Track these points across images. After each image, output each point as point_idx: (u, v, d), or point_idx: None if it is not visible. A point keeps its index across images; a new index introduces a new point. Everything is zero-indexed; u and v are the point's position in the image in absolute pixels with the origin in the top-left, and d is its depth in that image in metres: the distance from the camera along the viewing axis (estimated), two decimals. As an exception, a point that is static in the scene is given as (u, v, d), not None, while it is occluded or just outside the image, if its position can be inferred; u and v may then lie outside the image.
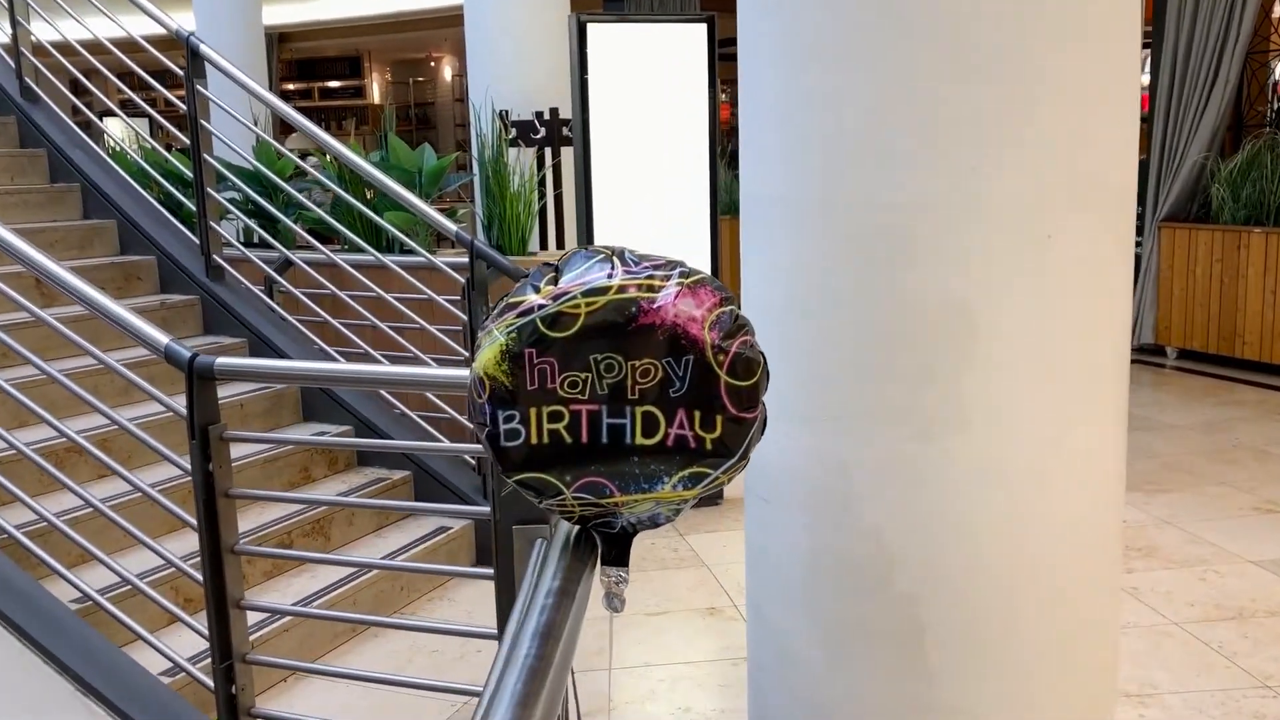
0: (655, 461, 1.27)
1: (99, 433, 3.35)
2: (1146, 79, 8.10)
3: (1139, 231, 7.67)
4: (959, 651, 1.72)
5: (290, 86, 17.28)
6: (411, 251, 4.74)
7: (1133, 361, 1.97)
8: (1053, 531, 1.74)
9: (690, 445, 1.27)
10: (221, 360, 2.75)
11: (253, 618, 3.47)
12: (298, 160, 5.12)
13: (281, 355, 4.77)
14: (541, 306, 1.25)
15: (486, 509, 2.70)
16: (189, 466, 2.77)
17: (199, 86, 4.78)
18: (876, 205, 1.64)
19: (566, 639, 1.23)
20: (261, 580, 3.85)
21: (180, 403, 2.76)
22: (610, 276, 1.27)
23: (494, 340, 1.25)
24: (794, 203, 1.71)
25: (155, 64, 5.02)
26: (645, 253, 1.34)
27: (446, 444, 4.04)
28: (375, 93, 17.83)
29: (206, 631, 2.87)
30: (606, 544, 1.38)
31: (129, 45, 5.06)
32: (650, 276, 1.29)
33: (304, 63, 17.27)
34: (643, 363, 1.25)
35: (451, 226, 4.41)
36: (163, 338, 2.81)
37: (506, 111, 5.93)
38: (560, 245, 5.97)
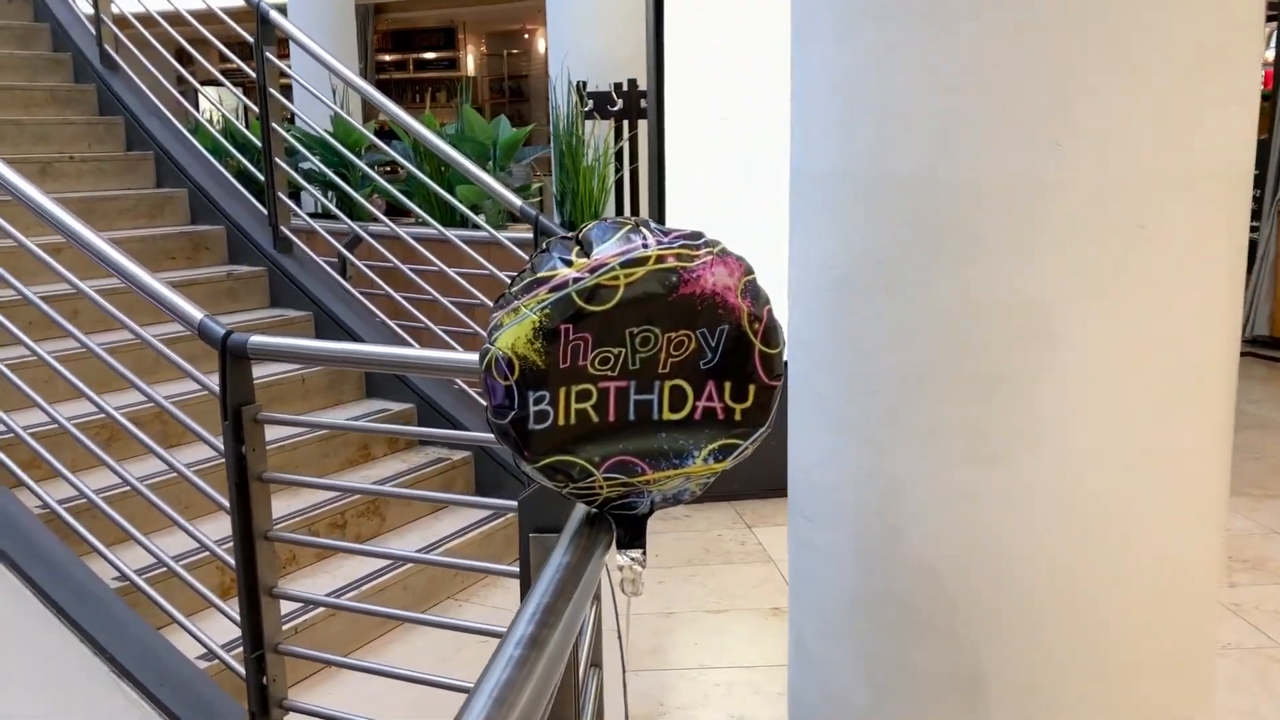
0: (684, 436, 1.26)
1: (136, 409, 3.27)
2: (1271, 54, 7.54)
3: (1255, 216, 7.15)
4: (1026, 706, 1.49)
5: (386, 58, 17.34)
6: (479, 227, 4.60)
7: (1243, 354, 1.72)
8: (1139, 565, 1.50)
9: (719, 417, 1.26)
10: (255, 339, 2.63)
11: (292, 604, 3.38)
12: (369, 135, 5.00)
13: (346, 330, 4.69)
14: (577, 280, 1.19)
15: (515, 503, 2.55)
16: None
17: (269, 55, 4.68)
18: (938, 185, 1.41)
19: (563, 630, 1.15)
20: (313, 561, 3.76)
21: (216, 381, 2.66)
22: (645, 246, 1.23)
23: (523, 318, 1.20)
24: (843, 181, 1.49)
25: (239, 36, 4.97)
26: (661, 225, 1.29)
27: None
28: (470, 65, 17.80)
29: (240, 619, 2.78)
30: (622, 527, 1.36)
31: (207, 16, 5.01)
32: (684, 245, 1.25)
33: (399, 34, 17.31)
34: (678, 334, 1.23)
35: (516, 201, 4.26)
36: (196, 313, 2.70)
37: (584, 82, 5.75)
38: (635, 222, 5.76)
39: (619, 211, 5.89)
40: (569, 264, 1.21)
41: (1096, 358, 1.43)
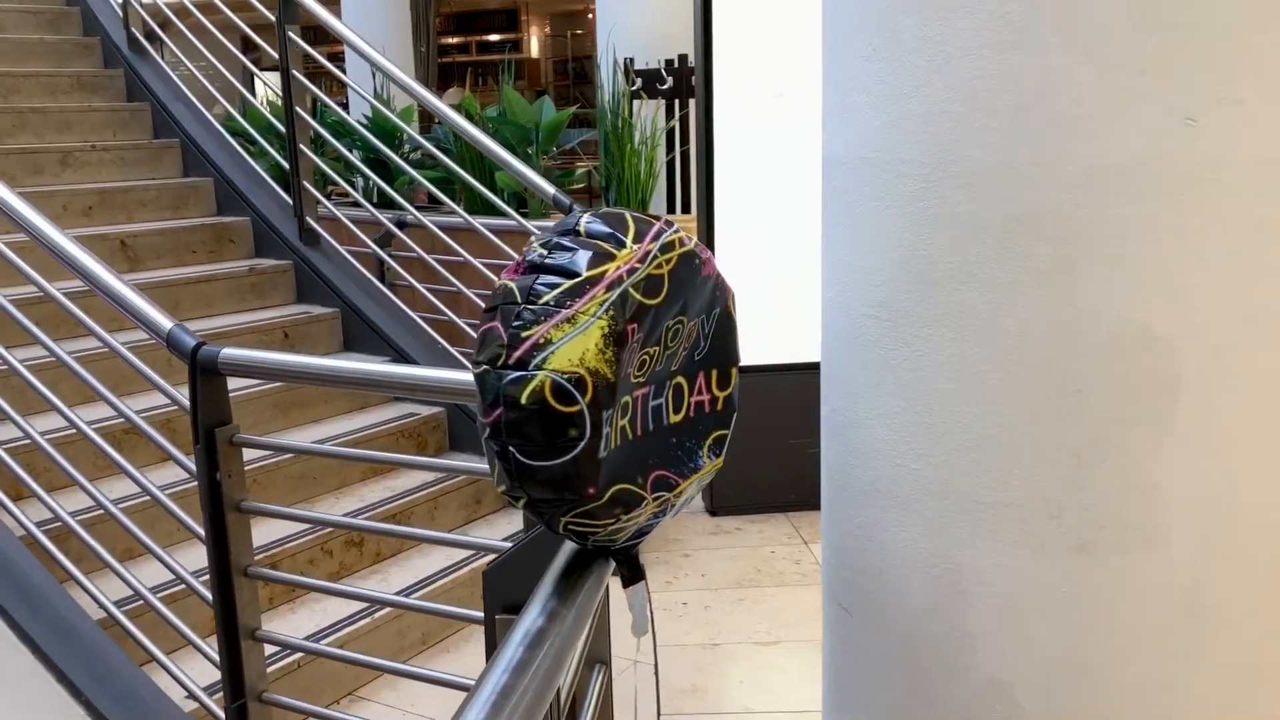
0: (688, 436, 1.17)
1: (109, 424, 2.99)
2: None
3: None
4: None
5: (451, 41, 17.13)
6: (526, 216, 4.26)
7: None
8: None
9: (707, 410, 1.18)
10: (228, 352, 2.32)
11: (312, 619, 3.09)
12: (399, 121, 4.69)
13: (375, 330, 4.40)
14: (632, 272, 1.05)
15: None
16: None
17: (291, 34, 4.39)
18: (1018, 174, 1.02)
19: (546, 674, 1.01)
20: (328, 578, 3.47)
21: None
22: (663, 229, 1.10)
23: (585, 325, 1.01)
24: (889, 170, 1.11)
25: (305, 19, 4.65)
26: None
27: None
28: (533, 46, 17.52)
29: (219, 663, 2.49)
30: (624, 565, 1.21)
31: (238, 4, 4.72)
32: (666, 223, 1.12)
33: (462, 16, 17.10)
34: (692, 322, 1.13)
35: (549, 189, 3.90)
36: (166, 321, 2.39)
37: (631, 60, 5.37)
38: (686, 208, 5.39)
39: (669, 198, 5.52)
40: (612, 256, 1.04)
41: (1239, 413, 1.03)
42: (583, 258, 1.04)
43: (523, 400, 0.99)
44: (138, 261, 4.38)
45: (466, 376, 2.21)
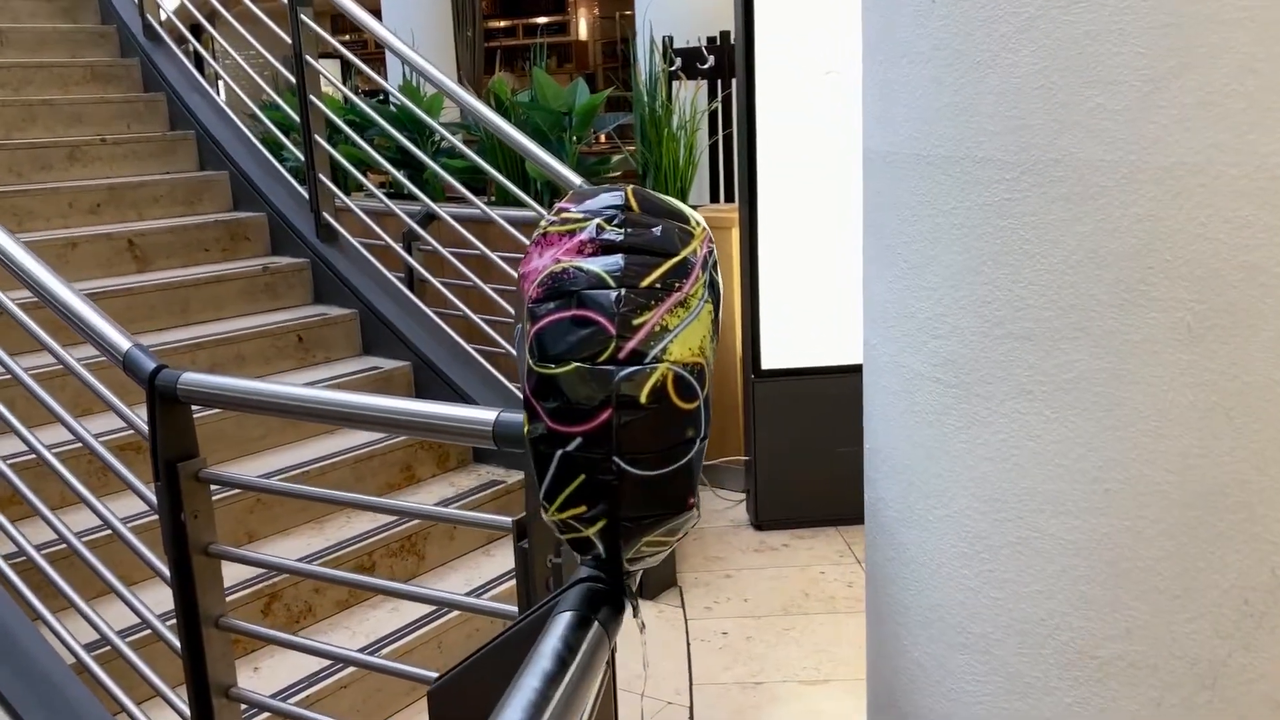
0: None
1: (71, 448, 2.72)
2: None
3: None
4: None
5: (499, 24, 16.87)
6: (539, 206, 3.95)
7: None
8: None
9: None
10: (188, 377, 2.03)
11: (294, 668, 2.82)
12: (419, 112, 4.40)
13: (396, 334, 4.12)
14: (710, 253, 0.96)
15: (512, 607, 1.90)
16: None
17: (304, 18, 4.10)
18: (1155, 180, 0.68)
19: None
20: (333, 612, 3.21)
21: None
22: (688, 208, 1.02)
23: (696, 311, 0.90)
24: (955, 171, 0.77)
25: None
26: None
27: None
28: (581, 29, 17.20)
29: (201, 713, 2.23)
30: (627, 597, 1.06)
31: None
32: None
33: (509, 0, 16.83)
34: None
35: (575, 179, 3.59)
36: (123, 341, 2.12)
37: (670, 38, 5.03)
38: (731, 197, 5.04)
39: (713, 185, 5.17)
40: (691, 234, 0.95)
41: None
42: (669, 234, 0.93)
43: (642, 398, 0.86)
44: (146, 261, 4.14)
45: (460, 411, 1.90)
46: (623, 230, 0.93)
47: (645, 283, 0.90)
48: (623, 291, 0.89)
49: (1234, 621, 0.71)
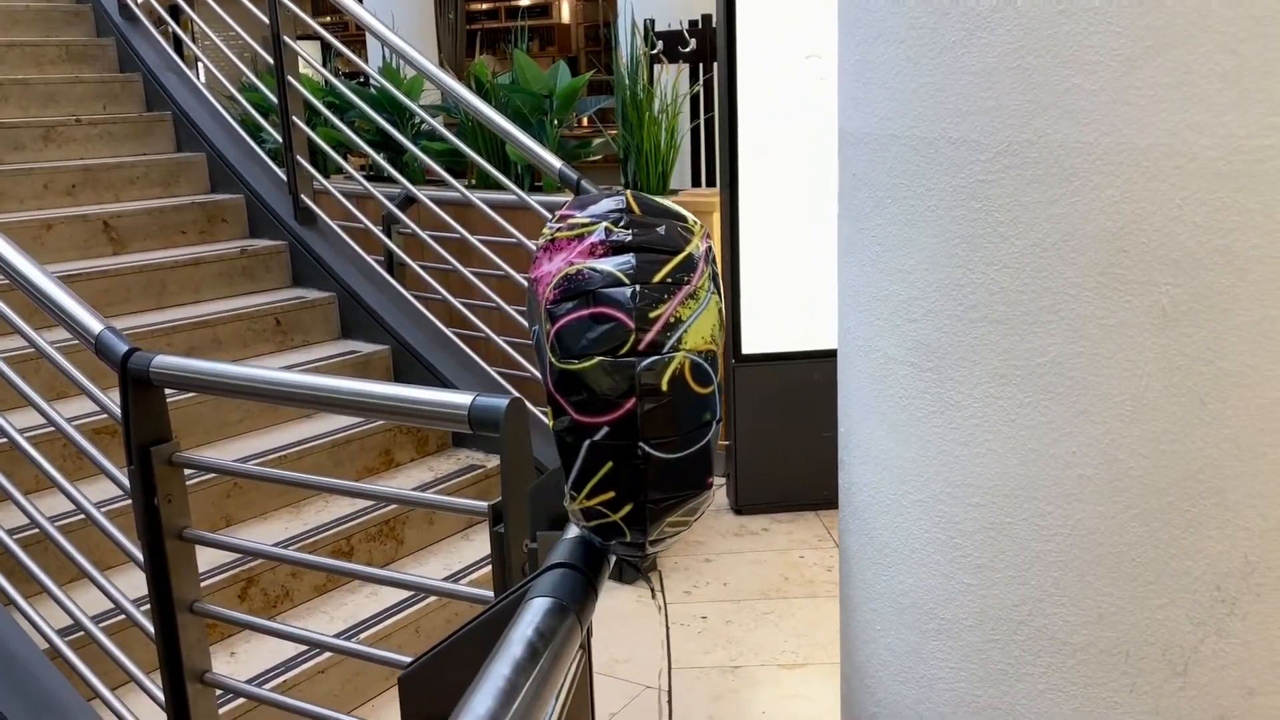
0: None
1: (45, 432, 2.69)
2: None
3: None
4: None
5: (480, 7, 16.73)
6: (541, 191, 3.93)
7: None
8: None
9: None
10: (161, 359, 2.01)
11: (271, 653, 2.81)
12: (398, 94, 4.35)
13: (374, 318, 4.09)
14: (709, 248, 1.02)
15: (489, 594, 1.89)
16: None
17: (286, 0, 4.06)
18: (1132, 161, 0.67)
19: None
20: (310, 597, 3.19)
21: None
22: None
23: (708, 299, 0.98)
24: (928, 152, 0.76)
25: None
26: None
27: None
28: (565, 12, 17.09)
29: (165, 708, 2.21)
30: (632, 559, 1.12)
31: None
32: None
33: (492, -19, 16.67)
34: None
35: (555, 163, 3.57)
36: (96, 324, 2.09)
37: (651, 20, 4.99)
38: (712, 181, 5.02)
39: (694, 169, 5.15)
40: (690, 232, 1.01)
41: None
42: (672, 232, 1.00)
43: (663, 386, 0.92)
44: (122, 244, 4.10)
45: (436, 395, 1.88)
46: (630, 231, 0.99)
47: (657, 278, 0.96)
48: (637, 288, 0.95)
49: (1207, 608, 0.71)
